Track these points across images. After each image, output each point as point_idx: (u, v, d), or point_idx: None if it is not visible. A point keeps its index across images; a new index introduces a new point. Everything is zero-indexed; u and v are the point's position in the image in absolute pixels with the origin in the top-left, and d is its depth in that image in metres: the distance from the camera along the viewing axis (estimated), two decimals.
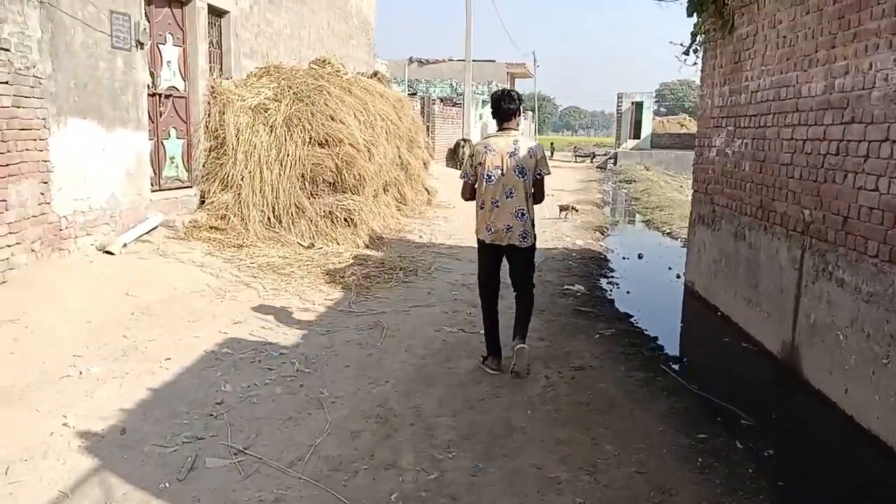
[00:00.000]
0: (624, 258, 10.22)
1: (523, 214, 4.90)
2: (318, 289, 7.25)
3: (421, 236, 10.96)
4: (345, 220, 9.18)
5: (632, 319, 6.90)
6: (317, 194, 9.15)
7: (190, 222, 8.55)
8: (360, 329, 6.06)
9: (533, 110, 48.97)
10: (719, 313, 7.10)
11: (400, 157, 12.14)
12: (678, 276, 9.09)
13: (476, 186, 4.96)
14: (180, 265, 7.36)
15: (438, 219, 12.98)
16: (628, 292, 8.15)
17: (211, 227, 8.59)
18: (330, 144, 9.26)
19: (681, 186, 24.73)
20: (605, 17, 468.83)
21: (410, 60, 35.06)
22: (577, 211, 13.32)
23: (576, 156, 38.13)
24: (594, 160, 36.32)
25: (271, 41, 11.46)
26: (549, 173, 5.13)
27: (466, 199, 5.19)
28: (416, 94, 23.91)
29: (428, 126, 22.67)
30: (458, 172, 5.67)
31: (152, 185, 8.58)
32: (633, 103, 35.74)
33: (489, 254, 5.10)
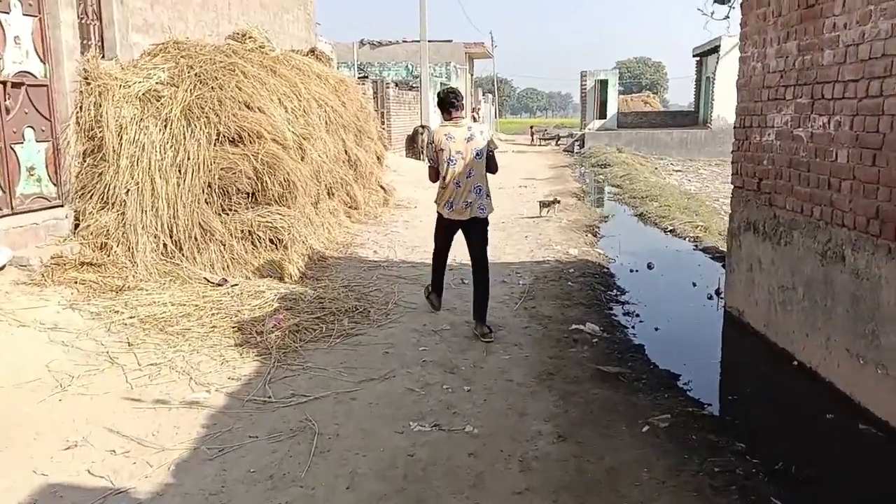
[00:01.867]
0: (632, 271, 8.06)
1: (480, 189, 5.48)
2: (222, 357, 4.89)
3: (376, 251, 8.64)
4: (270, 241, 6.81)
5: (682, 383, 4.72)
6: (230, 209, 6.75)
7: (52, 258, 6.10)
8: (275, 438, 3.75)
9: (493, 92, 46.73)
10: (796, 363, 4.97)
11: (346, 151, 9.77)
12: (711, 298, 6.96)
13: (438, 169, 5.53)
14: (15, 332, 4.94)
15: (397, 223, 10.66)
16: (657, 329, 5.98)
17: (82, 264, 6.15)
18: (245, 141, 6.86)
19: (655, 168, 22.81)
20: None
21: (362, 43, 32.40)
22: (558, 204, 11.12)
23: (540, 139, 36.01)
24: (559, 142, 34.25)
25: (175, 12, 8.95)
26: (498, 148, 5.90)
27: (434, 181, 5.72)
28: (366, 77, 21.43)
29: (382, 112, 20.25)
30: (419, 163, 6.95)
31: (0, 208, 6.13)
32: (597, 81, 33.64)
33: (448, 227, 5.71)
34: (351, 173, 10.16)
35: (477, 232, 5.59)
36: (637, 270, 8.07)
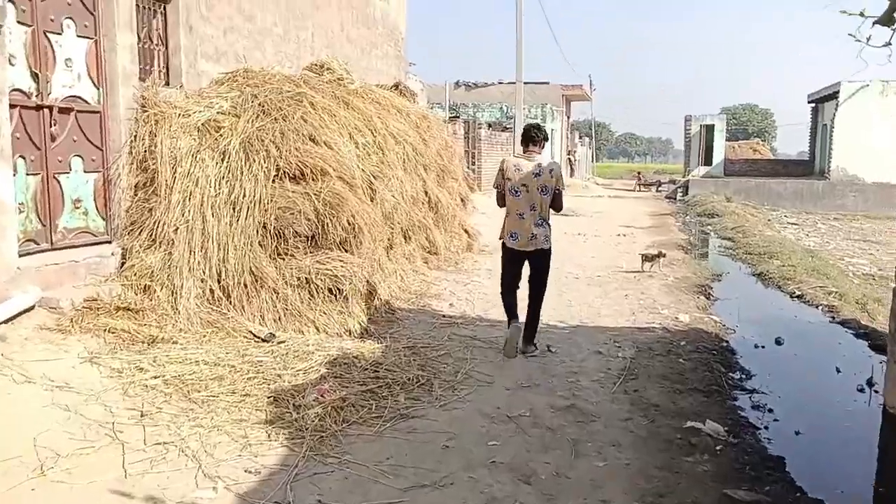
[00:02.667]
0: (757, 346, 6.67)
1: (544, 223, 5.66)
2: (245, 439, 3.98)
3: (452, 304, 7.65)
4: (329, 290, 5.94)
5: None
6: (286, 253, 5.94)
7: (85, 301, 5.44)
8: None
9: (590, 136, 45.42)
10: None
11: (426, 192, 8.91)
12: (862, 390, 5.53)
13: (505, 196, 5.74)
14: (15, 391, 4.21)
15: (480, 271, 9.65)
16: (798, 433, 4.64)
17: (118, 309, 5.46)
18: (308, 178, 6.07)
19: (769, 221, 20.86)
20: (659, 40, 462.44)
21: (457, 84, 32.09)
22: (663, 258, 9.79)
23: (639, 184, 34.34)
24: (660, 189, 32.50)
25: (252, 41, 8.44)
26: (566, 188, 6.09)
27: (500, 206, 5.89)
28: (457, 116, 20.79)
29: (473, 153, 19.53)
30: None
31: (36, 242, 5.56)
32: (702, 126, 31.88)
33: (513, 257, 5.83)
34: (431, 216, 9.28)
35: (540, 262, 5.81)
36: (763, 347, 6.68)
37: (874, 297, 8.79)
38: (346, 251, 6.12)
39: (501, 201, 5.83)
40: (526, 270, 5.95)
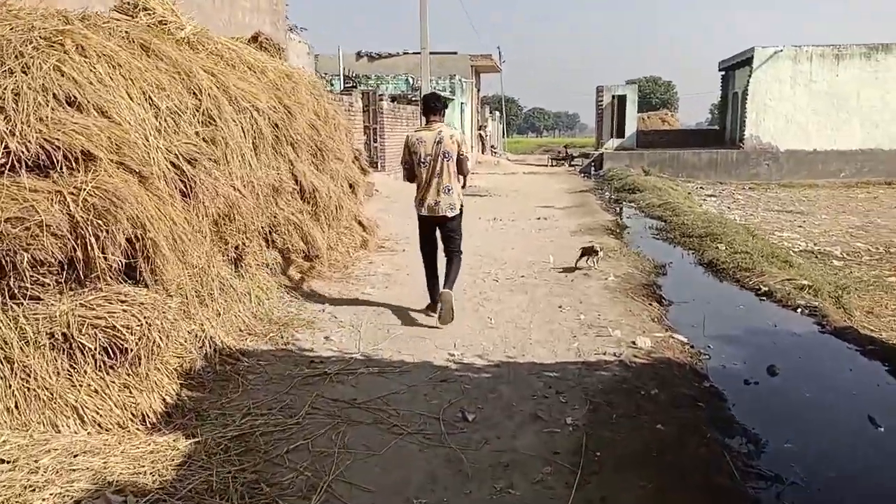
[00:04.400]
0: (747, 382, 4.78)
1: (450, 190, 5.67)
2: None
3: (328, 336, 5.42)
4: (106, 350, 3.57)
5: None
6: (24, 295, 3.53)
7: None
8: None
9: (500, 110, 43.60)
10: None
11: (296, 178, 6.57)
12: None
13: (413, 170, 5.76)
14: None
15: (375, 277, 7.45)
16: None
17: None
18: (59, 167, 3.64)
19: (689, 194, 19.55)
20: (565, 17, 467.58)
21: (359, 55, 29.36)
22: (598, 254, 7.84)
23: (552, 159, 32.76)
24: (573, 163, 31.01)
25: None
26: (468, 153, 5.89)
27: (408, 181, 5.95)
28: (354, 87, 18.30)
29: (375, 128, 17.13)
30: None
31: None
32: (614, 97, 30.49)
33: (426, 224, 5.89)
34: (306, 209, 6.97)
35: (449, 229, 5.83)
36: (756, 383, 4.79)
37: (840, 286, 7.18)
38: (135, 283, 3.76)
39: (409, 175, 5.86)
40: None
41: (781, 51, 25.40)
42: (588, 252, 7.67)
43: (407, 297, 6.59)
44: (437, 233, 5.90)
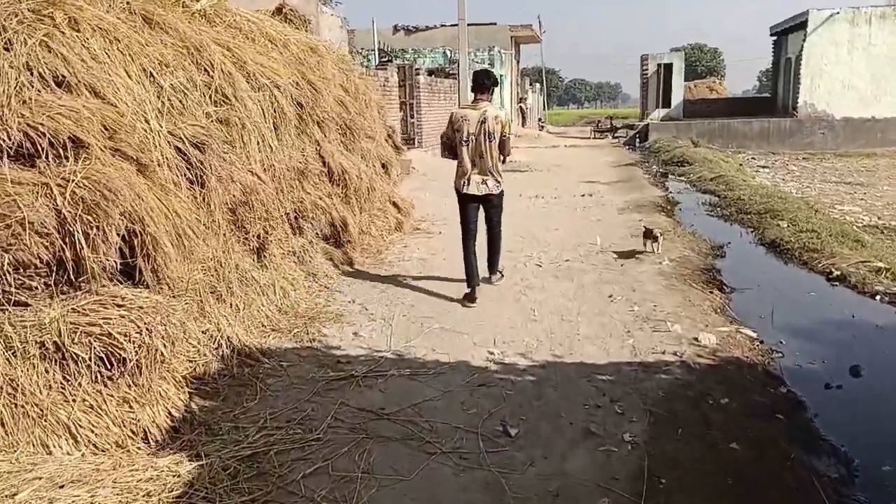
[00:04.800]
0: (829, 386, 4.16)
1: (493, 170, 5.61)
2: None
3: (357, 332, 4.98)
4: (103, 360, 3.17)
5: None
6: (8, 300, 3.14)
7: None
8: None
9: (540, 82, 42.44)
10: None
11: (323, 159, 6.10)
12: None
13: (456, 147, 5.64)
14: None
15: (410, 262, 6.99)
16: None
17: None
18: (46, 154, 3.22)
19: (740, 166, 18.53)
20: None
21: (395, 29, 28.72)
22: (659, 239, 7.14)
23: (595, 131, 31.71)
24: (616, 135, 29.94)
25: None
26: (513, 133, 6.32)
27: (444, 153, 5.91)
28: (389, 62, 17.71)
29: (411, 104, 16.59)
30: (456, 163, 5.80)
31: None
32: (660, 66, 29.23)
33: (465, 200, 5.73)
34: (336, 191, 6.50)
35: (492, 207, 5.79)
36: (839, 386, 4.18)
37: None
38: (135, 284, 3.34)
39: (448, 152, 5.82)
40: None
41: (838, 13, 23.89)
42: (649, 236, 7.00)
43: (443, 286, 6.10)
44: (479, 211, 5.80)
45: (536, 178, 14.90)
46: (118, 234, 3.13)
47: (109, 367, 3.18)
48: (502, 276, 6.17)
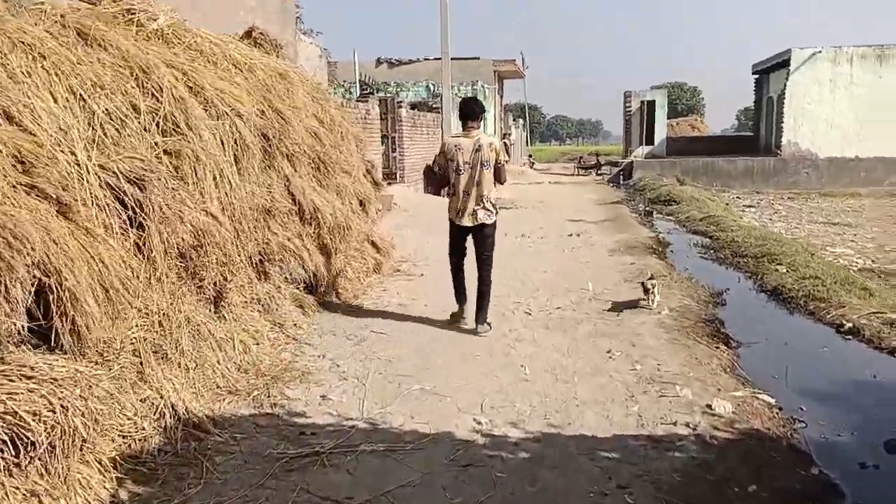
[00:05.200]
0: (865, 466, 3.63)
1: (488, 198, 5.49)
2: None
3: (325, 394, 4.39)
4: (6, 443, 2.56)
5: None
6: None
7: None
8: None
9: (523, 117, 42.47)
10: None
11: (293, 196, 5.56)
12: None
13: (445, 179, 5.61)
14: None
15: (389, 306, 6.44)
16: None
17: None
18: None
19: (727, 205, 18.27)
20: (589, 24, 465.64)
21: (379, 61, 28.50)
22: (655, 292, 6.55)
23: (578, 167, 31.53)
24: (600, 172, 29.74)
25: None
26: (508, 160, 6.18)
27: (430, 192, 6.17)
28: (370, 94, 17.34)
29: (393, 137, 16.13)
30: (438, 199, 6.38)
31: None
32: (643, 102, 29.24)
33: (459, 231, 5.65)
34: (308, 231, 5.95)
35: (484, 237, 5.62)
36: (876, 466, 3.65)
37: None
38: (52, 349, 2.75)
39: (432, 187, 5.64)
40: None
41: (820, 52, 24.04)
42: (647, 289, 6.38)
43: (424, 336, 5.54)
44: (469, 241, 5.72)
45: (522, 215, 14.45)
46: (26, 290, 2.55)
47: (15, 452, 2.57)
48: (490, 327, 5.67)
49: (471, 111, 5.52)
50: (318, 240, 6.20)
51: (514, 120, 38.27)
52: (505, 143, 33.29)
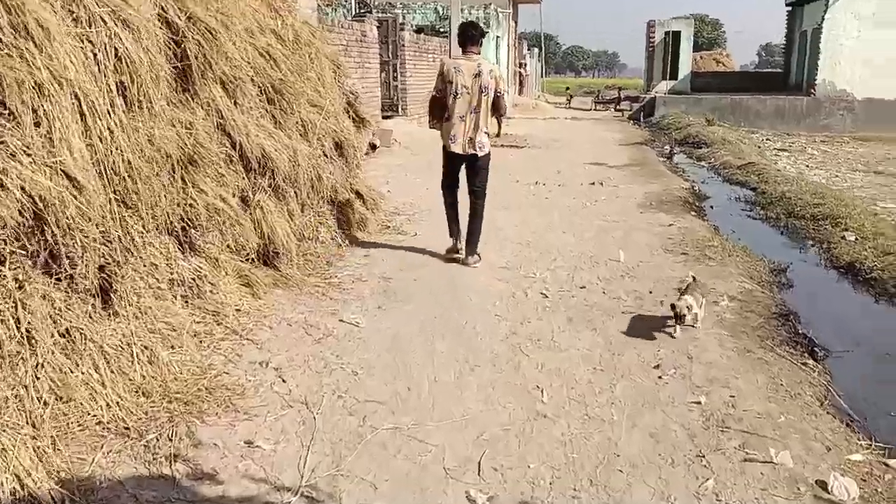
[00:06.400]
0: None
1: (481, 130, 5.23)
2: None
3: (251, 440, 2.99)
4: None
5: None
6: None
7: None
8: None
9: (539, 46, 39.87)
10: None
11: (232, 139, 4.03)
12: None
13: (444, 100, 5.25)
14: None
15: (368, 282, 5.02)
16: None
17: None
18: None
19: (759, 148, 16.53)
20: None
21: None
22: (688, 312, 4.15)
23: (596, 103, 29.44)
24: (619, 107, 27.67)
25: None
26: (507, 90, 5.43)
27: (432, 122, 5.51)
28: (369, 12, 15.41)
29: (395, 64, 14.37)
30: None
31: None
32: (667, 34, 26.93)
33: (450, 159, 5.44)
34: (263, 183, 4.45)
35: (477, 168, 5.40)
36: None
37: None
38: None
39: (436, 119, 5.42)
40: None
41: None
42: (679, 315, 4.07)
43: (409, 327, 4.13)
44: (462, 170, 5.50)
45: (536, 156, 12.84)
46: None
47: None
48: (480, 258, 5.50)
49: (470, 36, 5.24)
50: (276, 195, 4.71)
51: (528, 49, 35.86)
52: (520, 73, 31.16)
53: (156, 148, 3.19)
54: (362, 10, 15.67)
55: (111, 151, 2.83)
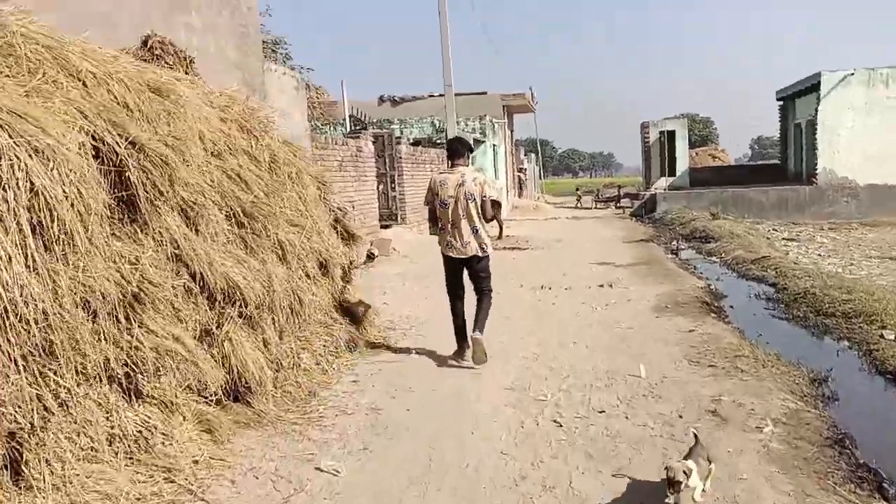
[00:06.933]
0: None
1: (476, 231, 5.47)
2: None
3: None
4: None
5: None
6: None
7: None
8: None
9: (535, 152, 40.57)
10: None
11: (191, 270, 3.55)
12: None
13: (435, 212, 5.60)
14: None
15: (355, 415, 4.42)
16: None
17: None
18: None
19: (767, 239, 16.08)
20: (598, 58, 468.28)
21: (381, 99, 26.80)
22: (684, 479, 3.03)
23: (596, 201, 29.48)
24: (619, 205, 27.62)
25: None
26: (494, 195, 5.55)
27: (432, 228, 5.86)
28: (364, 128, 15.47)
29: (392, 175, 14.26)
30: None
31: None
32: (662, 133, 27.28)
33: (452, 265, 5.63)
34: (232, 313, 3.93)
35: (478, 269, 5.58)
36: None
37: None
38: None
39: (434, 224, 5.73)
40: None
41: (852, 74, 21.95)
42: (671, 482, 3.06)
43: (396, 482, 3.46)
44: (465, 274, 5.64)
45: (539, 257, 12.39)
46: None
47: None
48: (486, 357, 5.47)
49: (455, 150, 5.59)
50: (248, 324, 4.17)
51: (525, 154, 36.44)
52: (520, 177, 31.44)
53: (87, 289, 2.69)
54: (357, 128, 15.77)
55: (16, 297, 2.33)
